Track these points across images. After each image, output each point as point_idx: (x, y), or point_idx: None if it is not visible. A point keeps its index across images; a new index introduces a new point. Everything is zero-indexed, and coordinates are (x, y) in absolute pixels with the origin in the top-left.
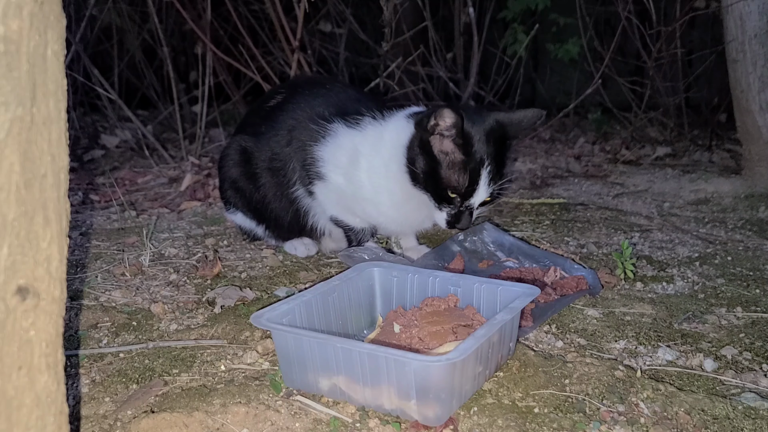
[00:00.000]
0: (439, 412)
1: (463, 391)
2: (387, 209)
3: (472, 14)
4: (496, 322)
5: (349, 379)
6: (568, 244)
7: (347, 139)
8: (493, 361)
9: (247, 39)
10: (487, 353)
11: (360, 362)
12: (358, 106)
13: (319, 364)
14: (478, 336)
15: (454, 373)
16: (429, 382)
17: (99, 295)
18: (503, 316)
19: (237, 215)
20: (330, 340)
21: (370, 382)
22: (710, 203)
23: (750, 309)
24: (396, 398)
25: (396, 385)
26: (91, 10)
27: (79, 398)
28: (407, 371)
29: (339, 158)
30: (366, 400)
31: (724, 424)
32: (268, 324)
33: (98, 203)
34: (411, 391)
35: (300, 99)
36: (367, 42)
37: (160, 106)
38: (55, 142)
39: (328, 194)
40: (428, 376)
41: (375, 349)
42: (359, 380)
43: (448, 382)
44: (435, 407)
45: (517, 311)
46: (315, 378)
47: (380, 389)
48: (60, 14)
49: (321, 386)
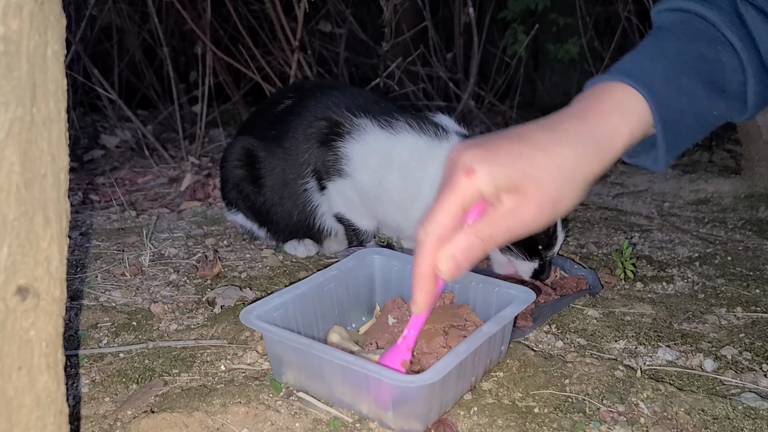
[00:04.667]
0: (415, 427)
1: (443, 402)
2: (415, 215)
3: (472, 14)
4: (481, 335)
5: (331, 383)
6: (568, 244)
7: (380, 141)
8: (481, 367)
9: (247, 39)
10: (473, 362)
11: (340, 371)
12: (384, 108)
13: (302, 365)
14: (459, 352)
15: (431, 392)
16: (405, 399)
17: (99, 295)
18: (490, 327)
19: (238, 216)
20: (311, 347)
21: (350, 388)
22: (710, 203)
23: (750, 309)
24: (374, 407)
25: (374, 396)
26: (91, 10)
27: (79, 398)
28: (383, 388)
29: (368, 159)
30: (347, 402)
31: (724, 424)
32: (255, 322)
33: (98, 203)
34: (388, 404)
35: (313, 99)
36: (367, 42)
37: (160, 106)
38: (55, 142)
39: (344, 191)
40: (404, 395)
41: (353, 362)
42: (340, 385)
43: (426, 399)
44: (411, 421)
45: (506, 321)
46: (299, 376)
47: (360, 397)
48: (60, 14)
49: (305, 384)
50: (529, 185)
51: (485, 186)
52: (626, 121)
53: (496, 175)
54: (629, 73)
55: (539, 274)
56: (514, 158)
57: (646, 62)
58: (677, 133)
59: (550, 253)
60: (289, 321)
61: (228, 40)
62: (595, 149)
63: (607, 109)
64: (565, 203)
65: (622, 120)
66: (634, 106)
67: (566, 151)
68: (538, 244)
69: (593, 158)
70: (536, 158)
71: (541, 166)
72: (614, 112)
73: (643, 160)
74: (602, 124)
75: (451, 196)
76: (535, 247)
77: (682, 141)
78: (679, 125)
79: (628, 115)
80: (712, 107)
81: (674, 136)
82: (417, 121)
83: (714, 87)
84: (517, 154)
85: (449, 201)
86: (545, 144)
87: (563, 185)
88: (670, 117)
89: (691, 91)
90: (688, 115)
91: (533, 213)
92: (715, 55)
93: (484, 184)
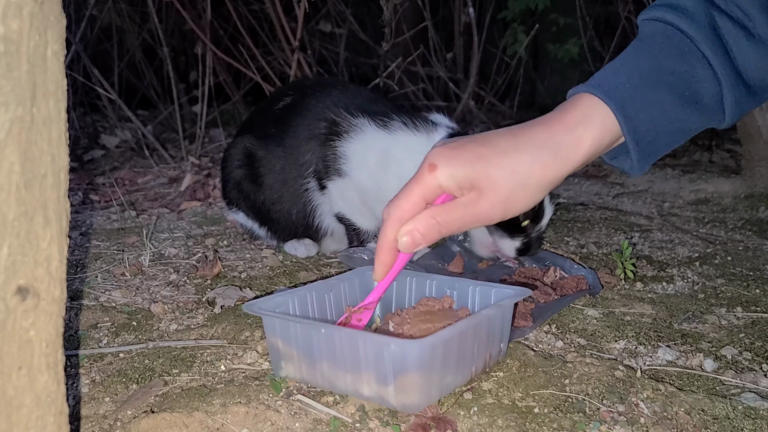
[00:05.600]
0: (416, 400)
1: (444, 383)
2: None
3: (472, 14)
4: (481, 315)
5: (331, 365)
6: (568, 244)
7: (377, 140)
8: (480, 358)
9: (247, 39)
10: (472, 346)
11: (340, 347)
12: (381, 107)
13: (303, 350)
14: (459, 326)
15: (432, 359)
16: (406, 364)
17: (99, 295)
18: (490, 311)
19: (239, 215)
20: (313, 325)
21: (351, 368)
22: (710, 203)
23: (750, 309)
24: (375, 384)
25: (374, 371)
26: (91, 10)
27: (79, 398)
28: (385, 355)
29: (366, 158)
30: (347, 387)
31: (724, 424)
32: (259, 311)
33: (98, 203)
34: (388, 376)
35: (313, 98)
36: (367, 42)
37: (160, 106)
38: (55, 142)
39: (344, 191)
40: (405, 359)
41: (354, 333)
42: (340, 366)
43: (426, 367)
44: (413, 394)
45: (504, 308)
46: (299, 367)
47: (360, 376)
48: (60, 14)
49: (305, 375)
50: (484, 184)
51: (444, 181)
52: (589, 132)
53: (456, 173)
54: (599, 86)
55: (524, 252)
56: (474, 159)
57: (618, 75)
58: (649, 142)
59: (537, 227)
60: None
61: (228, 40)
62: (551, 156)
63: (572, 119)
64: (518, 203)
65: (585, 130)
66: (599, 117)
67: (523, 156)
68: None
69: (548, 164)
70: (494, 161)
71: (497, 168)
72: (579, 123)
73: (621, 162)
74: (565, 134)
75: (414, 186)
76: (515, 222)
77: (657, 148)
78: (651, 135)
79: (592, 125)
80: (687, 118)
81: (646, 144)
82: (412, 119)
83: (688, 99)
84: (478, 156)
85: (412, 190)
86: (505, 148)
87: (515, 186)
88: (640, 128)
89: (662, 103)
90: (660, 126)
91: (485, 209)
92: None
93: (444, 180)
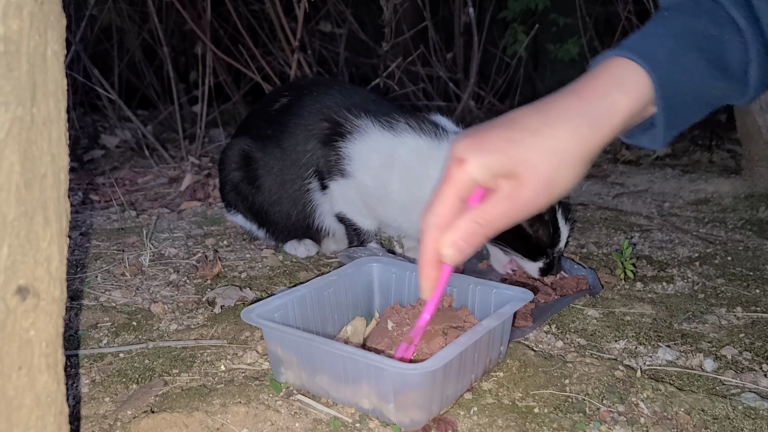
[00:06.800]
0: (416, 418)
1: (444, 396)
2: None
3: (472, 14)
4: (481, 329)
5: (331, 378)
6: (568, 244)
7: (381, 142)
8: (481, 365)
9: (247, 39)
10: (473, 358)
11: (341, 363)
12: (381, 107)
13: (303, 361)
14: (459, 343)
15: (433, 381)
16: (407, 389)
17: (99, 295)
18: (489, 322)
19: (238, 217)
20: (314, 341)
21: (351, 382)
22: (710, 203)
23: (750, 309)
24: (375, 399)
25: (375, 389)
26: (91, 10)
27: (79, 398)
28: (385, 377)
29: (370, 159)
30: (346, 399)
31: (724, 424)
32: (257, 320)
33: (98, 203)
34: (389, 396)
35: (310, 98)
36: (367, 42)
37: (160, 106)
38: (55, 142)
39: (347, 192)
40: (405, 384)
41: (354, 353)
42: (341, 380)
43: (427, 389)
44: (413, 413)
45: (505, 317)
46: (299, 375)
47: (360, 391)
48: (60, 14)
49: (305, 383)
50: (522, 169)
51: (477, 174)
52: (625, 96)
53: (487, 162)
54: (632, 48)
55: (547, 272)
56: (504, 144)
57: (650, 38)
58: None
59: (557, 249)
60: (288, 323)
61: (228, 40)
62: (587, 126)
63: (605, 84)
64: (562, 183)
65: (621, 94)
66: (635, 81)
67: (557, 132)
68: (539, 246)
69: (588, 135)
70: (527, 142)
71: (533, 150)
72: (612, 87)
73: (640, 139)
74: (599, 100)
75: (445, 187)
76: (537, 247)
77: (681, 119)
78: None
79: (628, 89)
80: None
81: (674, 112)
82: (417, 121)
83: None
84: (508, 140)
85: (445, 192)
86: (536, 127)
87: (557, 166)
88: (672, 92)
89: (693, 68)
90: (689, 93)
91: (529, 196)
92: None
93: (477, 172)
